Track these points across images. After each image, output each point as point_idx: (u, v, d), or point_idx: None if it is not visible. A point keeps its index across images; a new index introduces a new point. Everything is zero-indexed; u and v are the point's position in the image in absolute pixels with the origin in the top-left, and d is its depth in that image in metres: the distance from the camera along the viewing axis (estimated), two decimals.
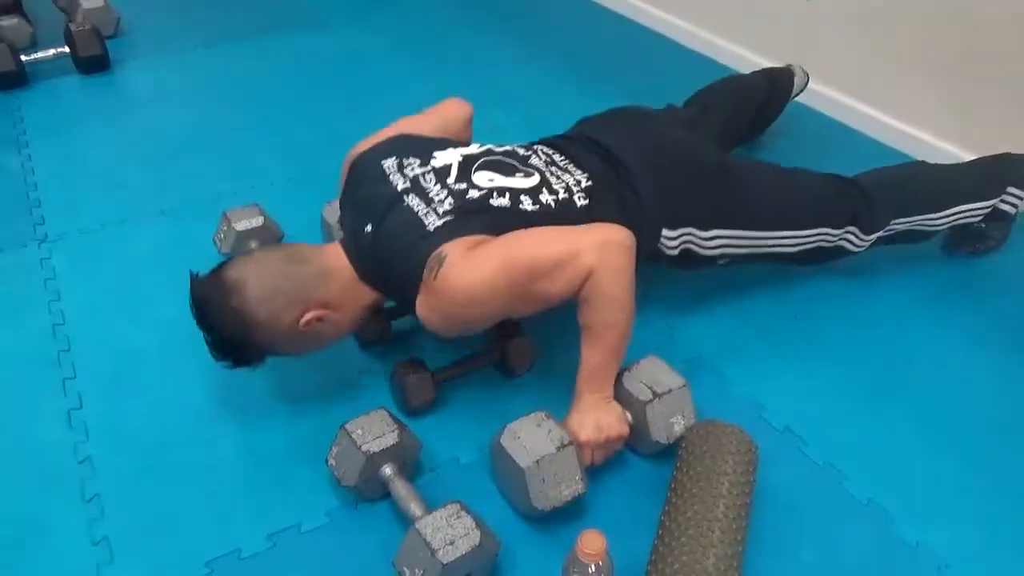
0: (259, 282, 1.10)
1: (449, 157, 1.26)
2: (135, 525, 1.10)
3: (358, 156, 1.30)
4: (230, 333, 1.11)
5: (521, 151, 1.33)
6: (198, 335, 1.17)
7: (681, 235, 1.32)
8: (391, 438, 1.10)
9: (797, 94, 1.98)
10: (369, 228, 1.17)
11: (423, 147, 1.28)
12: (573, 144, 1.36)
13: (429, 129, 1.37)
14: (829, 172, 1.47)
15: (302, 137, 2.06)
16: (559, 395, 1.21)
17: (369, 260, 1.17)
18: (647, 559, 1.02)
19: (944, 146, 1.93)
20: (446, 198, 1.17)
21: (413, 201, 1.17)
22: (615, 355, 1.14)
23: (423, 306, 1.11)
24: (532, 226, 1.15)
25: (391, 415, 1.13)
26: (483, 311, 1.11)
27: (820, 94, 2.17)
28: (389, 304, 1.32)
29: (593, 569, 0.91)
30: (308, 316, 1.12)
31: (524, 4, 3.04)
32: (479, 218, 1.14)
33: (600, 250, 1.07)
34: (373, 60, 2.51)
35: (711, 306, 1.50)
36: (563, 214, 1.21)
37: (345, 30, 2.71)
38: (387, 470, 1.10)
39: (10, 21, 2.47)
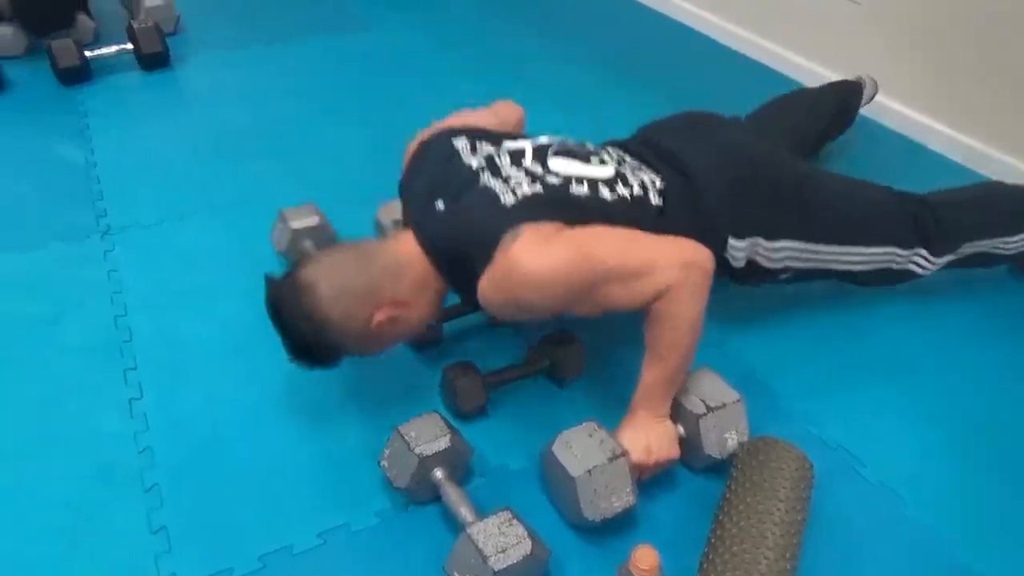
0: (331, 282, 1.10)
1: (521, 144, 1.24)
2: (192, 516, 1.13)
3: (426, 139, 1.28)
4: (304, 334, 1.11)
5: (591, 146, 1.30)
6: (255, 331, 1.20)
7: (748, 245, 1.29)
8: (443, 442, 1.10)
9: (866, 103, 1.95)
10: (441, 205, 1.15)
11: (492, 135, 1.27)
12: (640, 148, 1.33)
13: (486, 123, 1.35)
14: (901, 189, 1.43)
15: (352, 136, 2.09)
16: (609, 405, 1.20)
17: (439, 238, 1.14)
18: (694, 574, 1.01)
19: (1020, 165, 1.87)
20: (524, 179, 1.14)
21: (489, 180, 1.14)
22: (676, 376, 1.13)
23: (487, 282, 1.07)
24: (610, 218, 1.13)
25: (444, 419, 1.14)
26: (545, 299, 1.07)
27: (885, 107, 2.13)
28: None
29: None
30: (380, 316, 1.11)
31: (565, 4, 3.04)
32: (559, 206, 1.11)
33: (682, 269, 1.05)
34: (419, 60, 2.53)
35: (765, 321, 1.48)
36: (638, 210, 1.18)
37: (391, 31, 2.74)
38: (438, 473, 1.11)
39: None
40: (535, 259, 1.03)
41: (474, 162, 1.19)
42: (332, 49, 2.60)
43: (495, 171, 1.16)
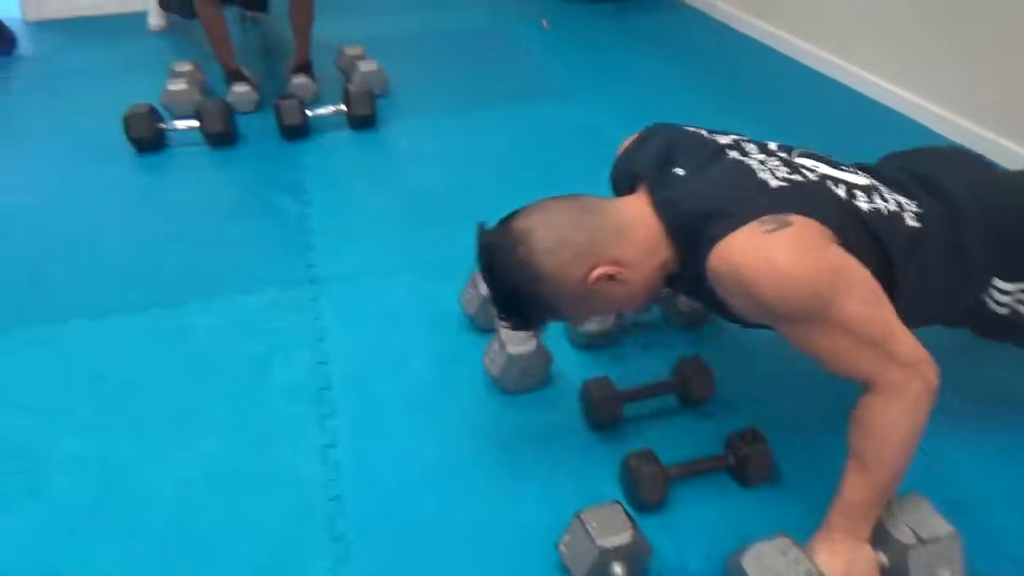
0: (547, 232, 1.05)
1: (762, 142, 1.18)
2: (375, 572, 1.17)
3: (648, 130, 1.25)
4: (515, 286, 1.06)
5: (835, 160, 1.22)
6: (442, 392, 1.22)
7: (1017, 290, 1.14)
8: (625, 536, 1.08)
9: None
10: (682, 171, 1.09)
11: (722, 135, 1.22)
12: (892, 171, 1.21)
13: None
14: None
15: None
16: (796, 514, 1.13)
17: (681, 201, 1.07)
18: None
19: None
20: (779, 165, 1.08)
21: (741, 156, 1.09)
22: (883, 494, 1.04)
23: (726, 250, 0.98)
24: (868, 229, 1.04)
25: (625, 511, 1.12)
26: (772, 298, 0.96)
27: None
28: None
29: None
30: (599, 271, 1.04)
31: (769, 84, 3.00)
32: (821, 202, 1.03)
33: (911, 371, 0.97)
34: (611, 132, 2.56)
35: (985, 436, 1.32)
36: (893, 226, 1.08)
37: (584, 101, 2.82)
38: (617, 569, 1.08)
39: (301, 80, 2.84)
40: (792, 259, 0.95)
41: (720, 139, 1.15)
42: (528, 117, 2.71)
43: (743, 151, 1.12)
